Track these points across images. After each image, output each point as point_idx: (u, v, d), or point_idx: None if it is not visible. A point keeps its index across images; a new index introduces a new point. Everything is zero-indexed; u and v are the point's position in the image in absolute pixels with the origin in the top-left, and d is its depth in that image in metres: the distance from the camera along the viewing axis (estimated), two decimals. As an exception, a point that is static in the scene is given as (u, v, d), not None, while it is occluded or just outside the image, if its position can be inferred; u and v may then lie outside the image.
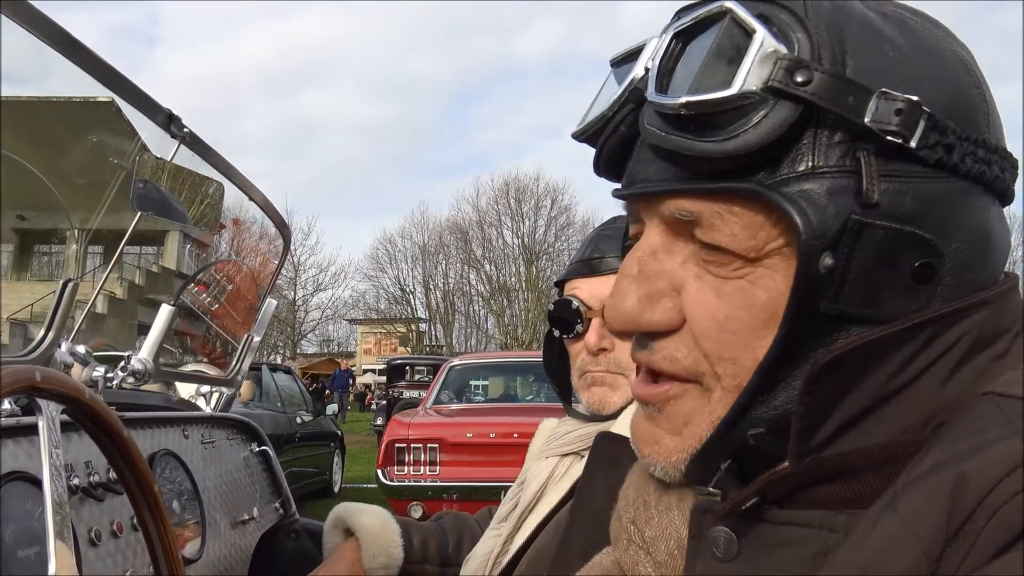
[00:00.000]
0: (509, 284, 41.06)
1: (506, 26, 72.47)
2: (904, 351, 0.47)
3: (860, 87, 0.45)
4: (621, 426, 1.12)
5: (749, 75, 0.45)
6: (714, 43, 0.47)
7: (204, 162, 1.39)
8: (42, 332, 1.06)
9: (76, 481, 1.09)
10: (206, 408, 1.84)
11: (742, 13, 0.46)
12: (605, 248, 1.28)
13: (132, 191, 1.25)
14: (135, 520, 1.18)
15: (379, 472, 6.15)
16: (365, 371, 37.08)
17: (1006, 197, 0.52)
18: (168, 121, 1.25)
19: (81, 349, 1.21)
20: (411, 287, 41.75)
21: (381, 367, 27.18)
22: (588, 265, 1.29)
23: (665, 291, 0.52)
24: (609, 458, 0.90)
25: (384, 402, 15.11)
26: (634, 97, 0.54)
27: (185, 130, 1.27)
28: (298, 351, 38.95)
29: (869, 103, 0.45)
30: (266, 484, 1.85)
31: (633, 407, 0.62)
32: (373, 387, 28.05)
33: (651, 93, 0.49)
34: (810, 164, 0.46)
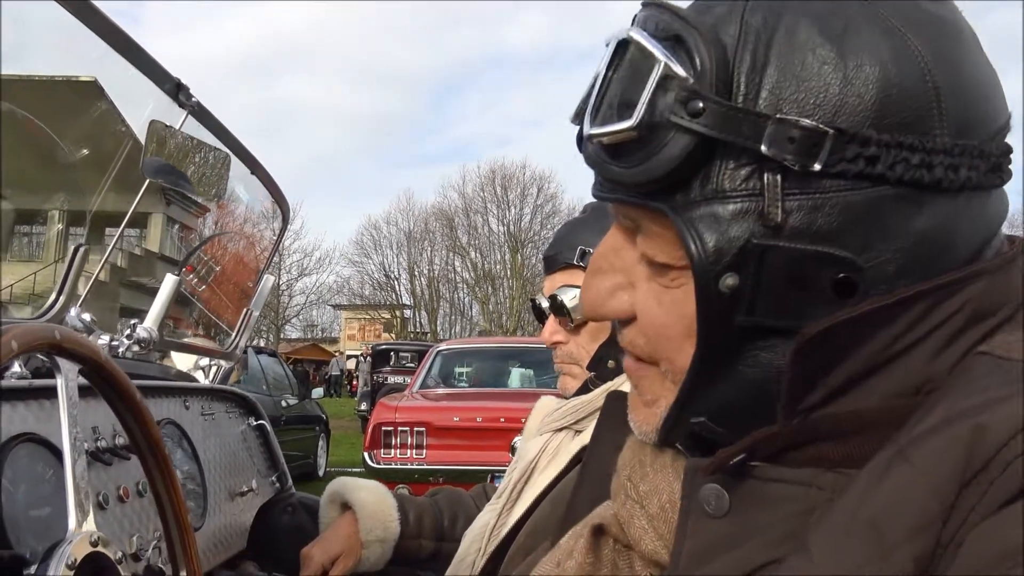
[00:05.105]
0: (494, 272, 41.07)
1: (492, 15, 72.14)
2: (900, 322, 0.48)
3: (756, 115, 0.46)
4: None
5: (647, 107, 0.47)
6: (623, 74, 0.49)
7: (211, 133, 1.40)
8: (54, 296, 1.06)
9: (84, 446, 1.10)
10: (204, 381, 1.85)
11: (644, 42, 0.48)
12: (558, 244, 1.35)
13: (142, 160, 1.25)
14: (140, 486, 1.19)
15: (366, 455, 6.15)
16: (349, 357, 37.00)
17: (982, 186, 0.50)
18: (176, 90, 1.25)
19: (87, 317, 1.21)
20: (396, 273, 41.71)
21: (358, 353, 27.19)
22: (544, 263, 1.38)
23: (623, 285, 0.56)
24: (618, 415, 0.93)
25: (368, 388, 15.09)
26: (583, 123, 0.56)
27: (193, 100, 1.28)
28: (282, 336, 38.78)
29: (767, 130, 0.46)
30: (263, 458, 1.86)
31: None
32: (355, 369, 27.95)
33: (586, 117, 0.51)
34: (715, 188, 0.48)
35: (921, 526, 0.41)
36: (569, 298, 1.28)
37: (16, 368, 1.04)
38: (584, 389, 1.31)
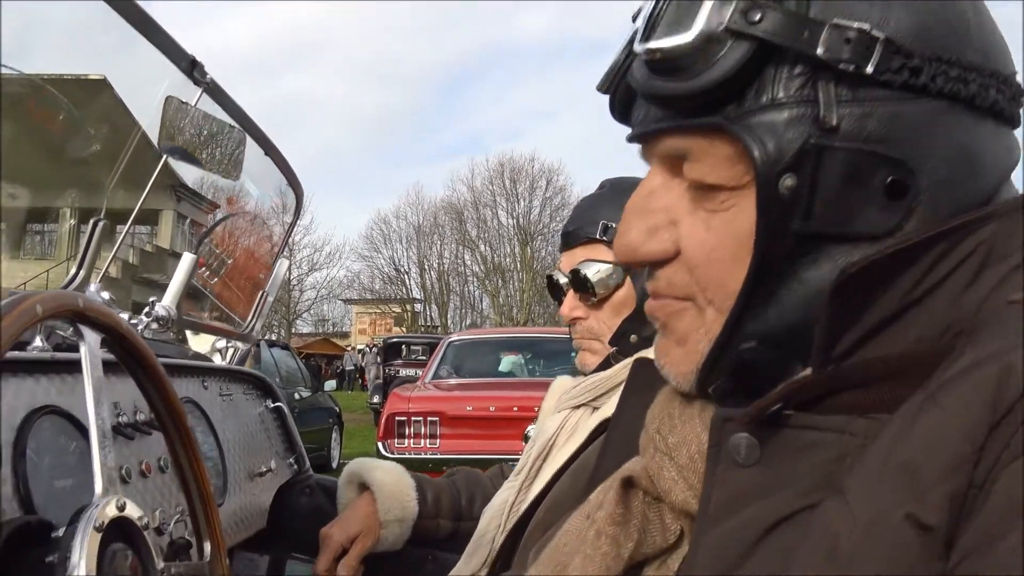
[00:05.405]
0: (504, 264, 41.05)
1: (493, 13, 72.08)
2: (923, 262, 0.49)
3: (813, 21, 0.48)
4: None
5: (707, 19, 0.49)
6: None
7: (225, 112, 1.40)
8: (74, 269, 1.07)
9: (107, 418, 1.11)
10: (222, 363, 1.85)
11: None
12: (578, 219, 1.34)
13: (158, 139, 1.26)
14: (162, 462, 1.20)
15: (380, 445, 6.18)
16: (361, 351, 37.10)
17: (1004, 116, 0.54)
18: (191, 68, 1.26)
19: (105, 295, 1.22)
20: (406, 267, 41.75)
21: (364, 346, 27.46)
22: (563, 238, 1.36)
23: (663, 224, 0.57)
24: (645, 381, 0.93)
25: (379, 380, 15.16)
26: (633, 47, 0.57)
27: (208, 77, 1.28)
28: (293, 331, 38.91)
29: (822, 35, 0.48)
30: (281, 440, 1.87)
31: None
32: (362, 359, 28.08)
33: (636, 43, 0.53)
34: (771, 96, 0.50)
35: (955, 466, 0.41)
36: (592, 272, 1.27)
37: (38, 342, 1.05)
38: (605, 364, 1.30)
